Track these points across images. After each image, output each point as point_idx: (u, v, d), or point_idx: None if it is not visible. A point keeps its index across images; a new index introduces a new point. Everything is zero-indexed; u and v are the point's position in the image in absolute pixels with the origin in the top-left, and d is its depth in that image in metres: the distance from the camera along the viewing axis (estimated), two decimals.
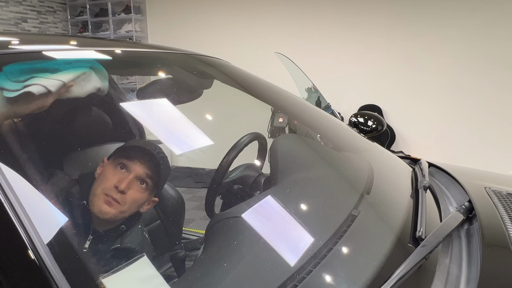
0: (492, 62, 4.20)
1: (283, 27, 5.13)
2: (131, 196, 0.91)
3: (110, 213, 0.88)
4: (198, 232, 1.56)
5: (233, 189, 1.33)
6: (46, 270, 0.54)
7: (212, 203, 1.27)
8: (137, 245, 0.94)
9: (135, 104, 1.28)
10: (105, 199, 0.88)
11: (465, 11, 4.25)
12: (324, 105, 3.55)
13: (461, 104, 4.41)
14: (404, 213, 1.02)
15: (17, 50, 0.93)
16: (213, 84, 1.51)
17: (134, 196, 0.91)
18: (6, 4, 5.41)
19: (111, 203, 0.88)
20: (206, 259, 0.91)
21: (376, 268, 0.77)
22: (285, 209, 0.95)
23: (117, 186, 0.89)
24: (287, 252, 0.81)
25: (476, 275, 0.77)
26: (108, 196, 0.88)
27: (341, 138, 1.57)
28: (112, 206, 0.88)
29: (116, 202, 0.88)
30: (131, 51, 1.30)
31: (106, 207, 0.87)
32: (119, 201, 0.89)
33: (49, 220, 0.65)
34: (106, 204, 0.87)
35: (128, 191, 0.90)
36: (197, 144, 1.06)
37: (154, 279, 0.72)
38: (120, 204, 0.89)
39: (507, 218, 1.00)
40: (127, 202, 0.90)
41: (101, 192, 0.88)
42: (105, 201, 0.88)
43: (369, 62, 4.75)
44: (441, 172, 1.40)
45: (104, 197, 0.88)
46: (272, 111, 1.97)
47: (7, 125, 0.77)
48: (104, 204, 0.87)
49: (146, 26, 6.05)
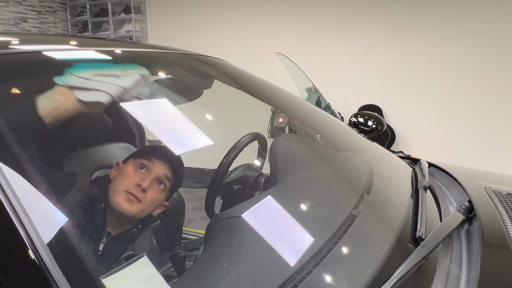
0: (492, 62, 4.20)
1: (283, 27, 5.14)
2: (151, 195, 0.91)
3: (131, 210, 0.88)
4: (198, 232, 1.55)
5: (233, 189, 1.33)
6: (46, 270, 0.54)
7: (212, 203, 1.27)
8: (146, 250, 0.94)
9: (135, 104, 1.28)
10: (126, 197, 0.88)
11: (465, 11, 4.25)
12: (324, 105, 3.56)
13: (461, 104, 4.41)
14: (404, 213, 1.02)
15: (17, 50, 0.93)
16: (213, 84, 1.51)
17: (153, 196, 0.92)
18: (6, 4, 5.41)
19: (132, 201, 0.88)
20: (206, 259, 0.90)
21: (376, 268, 0.77)
22: (285, 209, 0.95)
23: (139, 184, 0.89)
24: (287, 252, 0.81)
25: (476, 275, 0.77)
26: (129, 194, 0.88)
27: (341, 138, 1.57)
28: (133, 204, 0.88)
29: (138, 200, 0.88)
30: (131, 51, 1.30)
31: (128, 204, 0.87)
32: (141, 199, 0.89)
33: (49, 220, 0.65)
34: (127, 202, 0.87)
35: (149, 190, 0.90)
36: (197, 144, 1.06)
37: (154, 279, 0.72)
38: (141, 202, 0.89)
39: (507, 218, 1.00)
40: (147, 201, 0.90)
41: (122, 190, 0.88)
42: (126, 199, 0.87)
43: (369, 62, 4.75)
44: (441, 172, 1.40)
45: (125, 194, 0.88)
46: (272, 111, 1.97)
47: (7, 125, 0.76)
48: (126, 202, 0.87)
49: (146, 26, 6.05)
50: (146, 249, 0.96)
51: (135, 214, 0.90)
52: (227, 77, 1.55)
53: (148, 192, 0.90)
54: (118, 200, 0.87)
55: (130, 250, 0.92)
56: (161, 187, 0.94)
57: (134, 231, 0.93)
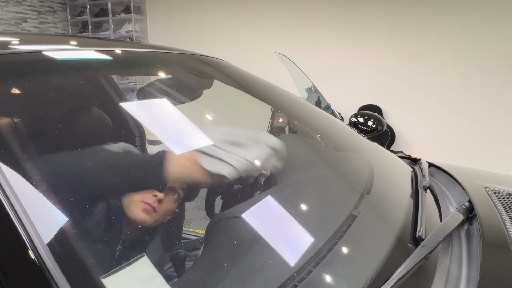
0: (492, 62, 4.20)
1: (283, 27, 5.14)
2: (165, 205, 0.92)
3: (147, 221, 0.89)
4: (198, 232, 1.55)
5: (233, 189, 1.33)
6: (46, 270, 0.54)
7: (212, 203, 1.27)
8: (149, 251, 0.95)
9: (135, 104, 1.28)
10: (143, 207, 0.88)
11: (465, 11, 4.25)
12: (324, 105, 3.56)
13: (461, 104, 4.41)
14: (404, 213, 1.02)
15: (17, 50, 0.93)
16: (213, 84, 1.51)
17: (167, 206, 0.93)
18: (6, 4, 5.41)
19: (149, 211, 0.88)
20: (206, 259, 0.90)
21: (376, 268, 0.77)
22: (285, 209, 0.95)
23: (155, 195, 0.89)
24: (287, 252, 0.81)
25: (476, 275, 0.77)
26: (146, 204, 0.88)
27: (341, 138, 1.57)
28: (149, 214, 0.88)
29: (154, 210, 0.89)
30: (131, 51, 1.30)
31: (144, 214, 0.88)
32: (156, 210, 0.89)
33: (49, 220, 0.65)
34: (144, 212, 0.88)
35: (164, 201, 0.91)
36: (197, 144, 1.06)
37: (154, 279, 0.72)
38: (157, 213, 0.90)
39: (507, 218, 1.00)
40: (162, 211, 0.91)
41: (138, 200, 0.88)
42: (143, 209, 0.88)
43: (369, 62, 4.75)
44: (441, 172, 1.40)
45: (142, 204, 0.88)
46: (272, 111, 1.97)
47: (7, 125, 0.77)
48: (142, 212, 0.88)
49: (146, 26, 6.05)
50: (150, 250, 0.96)
51: (150, 223, 0.90)
52: (227, 77, 1.55)
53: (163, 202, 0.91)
54: (135, 210, 0.88)
55: (132, 251, 0.92)
56: (175, 196, 0.94)
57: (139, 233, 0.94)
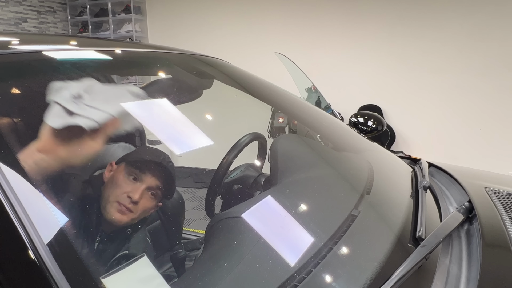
0: (491, 62, 4.20)
1: (283, 27, 5.13)
2: (142, 205, 0.92)
3: (122, 221, 0.89)
4: (198, 232, 1.56)
5: (233, 189, 1.33)
6: (46, 270, 0.54)
7: (212, 203, 1.27)
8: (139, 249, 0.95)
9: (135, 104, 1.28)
10: (118, 208, 0.89)
11: (465, 11, 4.25)
12: (324, 105, 3.56)
13: (461, 104, 4.41)
14: (404, 213, 1.02)
15: (17, 50, 0.93)
16: (213, 84, 1.51)
17: (145, 205, 0.93)
18: (6, 4, 5.41)
19: (124, 212, 0.89)
20: (206, 259, 0.91)
21: (376, 268, 0.77)
22: (285, 209, 0.95)
23: (130, 196, 0.90)
24: (287, 252, 0.81)
25: (476, 275, 0.77)
26: (121, 205, 0.89)
27: (341, 138, 1.57)
28: (124, 214, 0.89)
29: (129, 211, 0.90)
30: (131, 51, 1.30)
31: (119, 215, 0.89)
32: (132, 210, 0.90)
33: (49, 220, 0.65)
34: (119, 213, 0.89)
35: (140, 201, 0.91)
36: (197, 144, 1.06)
37: (154, 279, 0.72)
38: (133, 212, 0.91)
39: (507, 218, 1.00)
40: (138, 210, 0.92)
41: (113, 200, 0.89)
42: (118, 210, 0.89)
43: (369, 62, 4.75)
44: (441, 172, 1.40)
45: (117, 205, 0.89)
46: (272, 111, 1.97)
47: (7, 125, 0.77)
48: (117, 212, 0.88)
49: (146, 26, 6.05)
50: (141, 248, 0.96)
51: (126, 223, 0.91)
52: (227, 77, 1.55)
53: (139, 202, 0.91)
54: (110, 210, 0.88)
55: (126, 250, 0.93)
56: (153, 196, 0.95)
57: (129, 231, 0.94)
